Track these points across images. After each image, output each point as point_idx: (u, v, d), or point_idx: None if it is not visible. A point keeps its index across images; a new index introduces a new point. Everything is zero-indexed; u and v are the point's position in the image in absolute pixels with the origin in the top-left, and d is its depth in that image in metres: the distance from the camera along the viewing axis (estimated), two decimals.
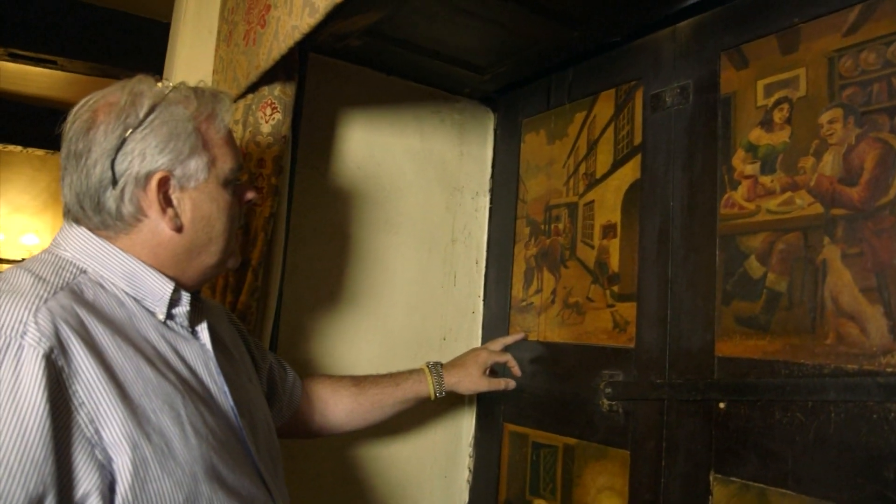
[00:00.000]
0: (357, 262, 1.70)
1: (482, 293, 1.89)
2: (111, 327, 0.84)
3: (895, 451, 0.96)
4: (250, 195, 1.04)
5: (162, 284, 0.92)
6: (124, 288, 0.90)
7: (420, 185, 1.82)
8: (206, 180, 0.94)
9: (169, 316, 0.93)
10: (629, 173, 1.46)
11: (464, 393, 1.56)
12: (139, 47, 3.73)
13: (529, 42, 1.55)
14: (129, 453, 0.77)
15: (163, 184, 0.91)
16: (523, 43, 1.56)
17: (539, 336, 1.63)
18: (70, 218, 0.92)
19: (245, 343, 1.22)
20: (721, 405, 1.19)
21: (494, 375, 1.60)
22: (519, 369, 1.58)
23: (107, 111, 0.89)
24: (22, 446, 0.70)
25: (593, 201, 1.54)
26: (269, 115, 1.39)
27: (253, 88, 1.40)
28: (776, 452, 1.10)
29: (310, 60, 1.60)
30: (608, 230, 1.49)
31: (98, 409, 0.77)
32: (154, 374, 0.84)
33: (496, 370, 1.63)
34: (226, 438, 0.91)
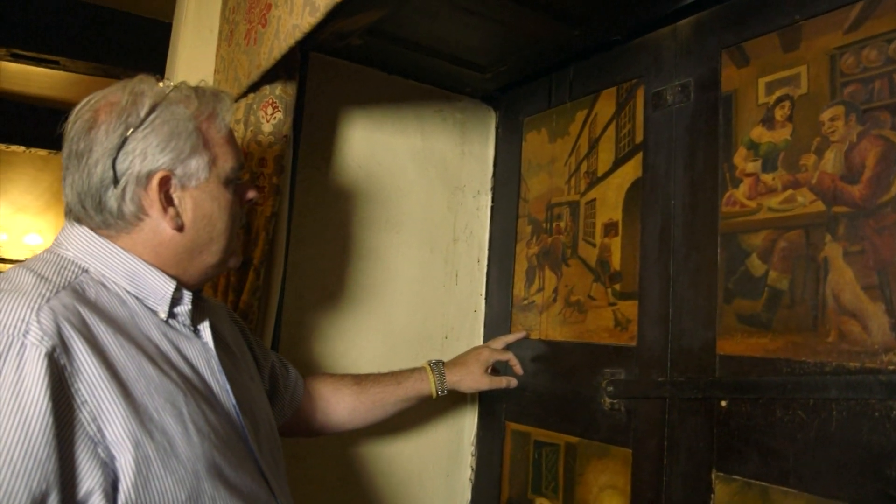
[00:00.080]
0: (359, 261, 1.70)
1: (484, 292, 1.89)
2: (113, 326, 0.84)
3: None
4: (251, 194, 1.05)
5: (164, 283, 0.92)
6: (126, 287, 0.90)
7: (422, 184, 1.82)
8: (208, 179, 0.95)
9: (171, 315, 0.93)
10: (630, 171, 1.46)
11: (465, 391, 1.56)
12: (141, 47, 3.73)
13: (531, 40, 1.55)
14: (132, 451, 0.77)
15: (164, 183, 0.91)
16: (524, 41, 1.56)
17: (541, 334, 1.63)
18: (72, 217, 0.93)
19: (247, 342, 1.22)
20: (723, 403, 1.19)
21: (496, 374, 1.60)
22: (521, 368, 1.58)
23: (108, 111, 0.89)
24: (25, 444, 0.70)
25: (595, 200, 1.54)
26: (271, 115, 1.39)
27: (254, 88, 1.40)
28: (778, 450, 1.10)
29: (311, 59, 1.60)
30: (610, 228, 1.49)
31: (100, 408, 0.77)
32: (156, 373, 0.85)
33: (498, 369, 1.63)
34: (228, 436, 0.91)
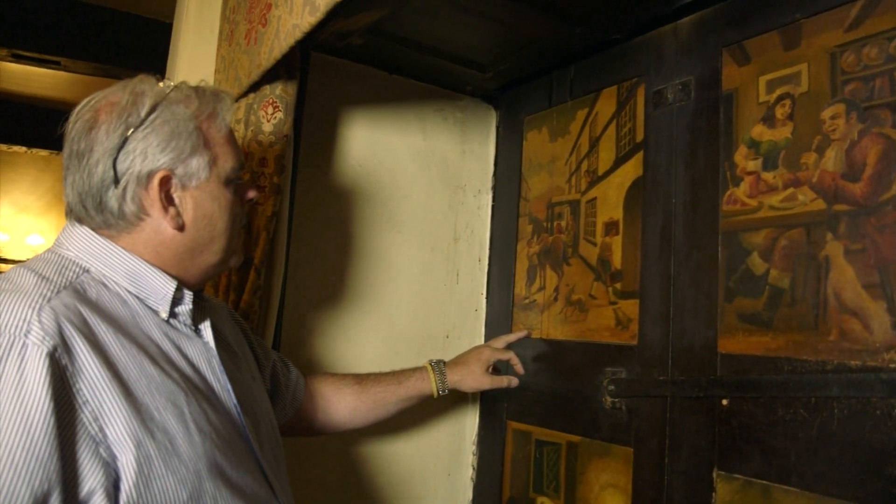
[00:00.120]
0: (360, 261, 1.70)
1: (485, 291, 1.89)
2: (114, 326, 0.84)
3: None
4: (252, 194, 1.05)
5: (164, 283, 0.92)
6: (127, 287, 0.90)
7: (422, 184, 1.82)
8: (208, 179, 0.95)
9: (172, 314, 0.93)
10: (631, 170, 1.46)
11: (467, 391, 1.56)
12: (141, 47, 3.74)
13: (531, 39, 1.55)
14: (133, 451, 0.78)
15: (164, 183, 0.91)
16: (525, 40, 1.56)
17: (542, 334, 1.63)
18: (73, 217, 0.93)
19: (248, 341, 1.22)
20: (724, 402, 1.19)
21: (497, 373, 1.60)
22: (522, 367, 1.58)
23: (108, 111, 0.90)
24: (27, 444, 0.71)
25: (595, 198, 1.54)
26: (271, 114, 1.39)
27: (254, 87, 1.40)
28: (779, 449, 1.09)
29: (312, 59, 1.60)
30: (610, 227, 1.49)
31: (102, 407, 0.77)
32: (157, 372, 0.85)
33: (499, 368, 1.64)
34: (229, 436, 0.91)
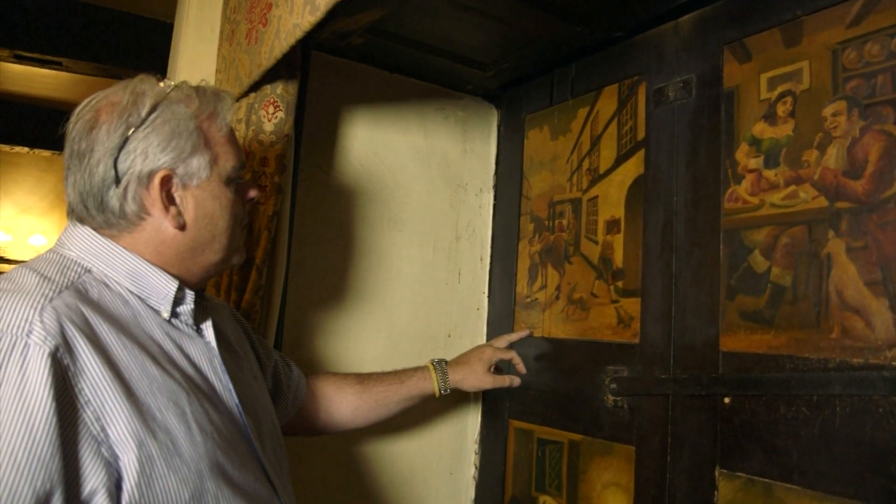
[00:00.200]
0: (361, 260, 1.70)
1: (487, 290, 1.89)
2: (116, 326, 0.84)
3: None
4: (253, 193, 1.05)
5: (166, 283, 0.92)
6: (128, 287, 0.90)
7: (424, 183, 1.82)
8: (209, 178, 0.95)
9: (173, 314, 0.93)
10: (632, 168, 1.45)
11: (468, 390, 1.56)
12: (143, 47, 3.74)
13: (532, 38, 1.55)
14: (135, 451, 0.78)
15: (165, 182, 0.91)
16: (526, 39, 1.56)
17: (544, 332, 1.63)
18: (74, 217, 0.93)
19: (250, 341, 1.22)
20: (726, 400, 1.19)
21: (499, 372, 1.60)
22: (524, 366, 1.58)
23: (109, 110, 0.90)
24: (29, 444, 0.71)
25: (597, 197, 1.54)
26: (272, 114, 1.39)
27: (255, 87, 1.40)
28: (781, 447, 1.09)
29: (312, 58, 1.60)
30: (612, 226, 1.49)
31: (104, 407, 0.77)
32: (159, 372, 0.85)
33: (501, 367, 1.64)
34: (231, 436, 0.91)
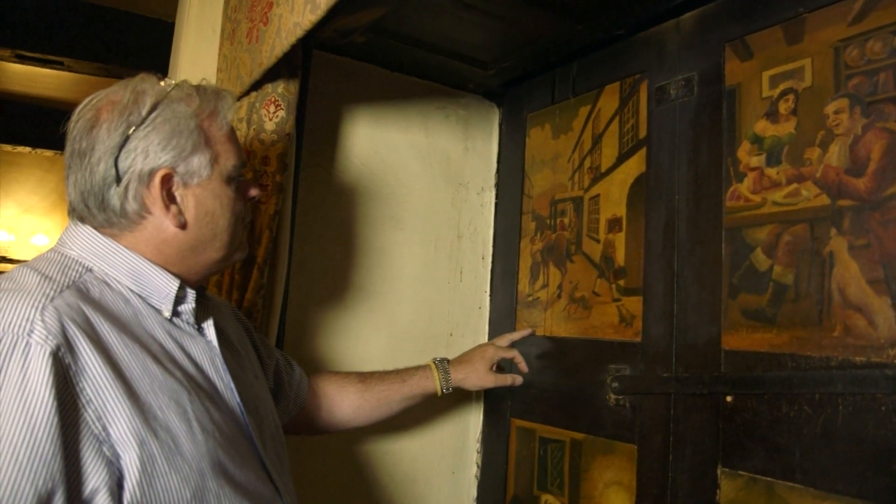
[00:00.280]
0: (363, 259, 1.70)
1: (488, 288, 1.89)
2: (117, 325, 0.84)
3: None
4: (254, 192, 1.05)
5: (167, 282, 0.92)
6: (130, 286, 0.90)
7: (425, 181, 1.82)
8: (210, 177, 0.95)
9: (175, 313, 0.94)
10: (634, 167, 1.45)
11: (470, 389, 1.56)
12: (144, 47, 3.75)
13: (533, 36, 1.55)
14: (137, 450, 0.78)
15: (166, 181, 0.91)
16: (527, 37, 1.56)
17: (545, 331, 1.63)
18: (75, 216, 0.93)
19: (251, 340, 1.22)
20: (728, 399, 1.19)
21: (501, 371, 1.60)
22: (526, 365, 1.58)
23: (110, 109, 0.90)
24: (31, 443, 0.71)
25: (598, 195, 1.54)
26: (273, 113, 1.39)
27: (256, 86, 1.40)
28: (784, 446, 1.09)
29: (314, 57, 1.60)
30: (614, 224, 1.49)
31: (105, 407, 0.77)
32: (160, 371, 0.85)
33: (503, 366, 1.64)
34: (232, 435, 0.91)
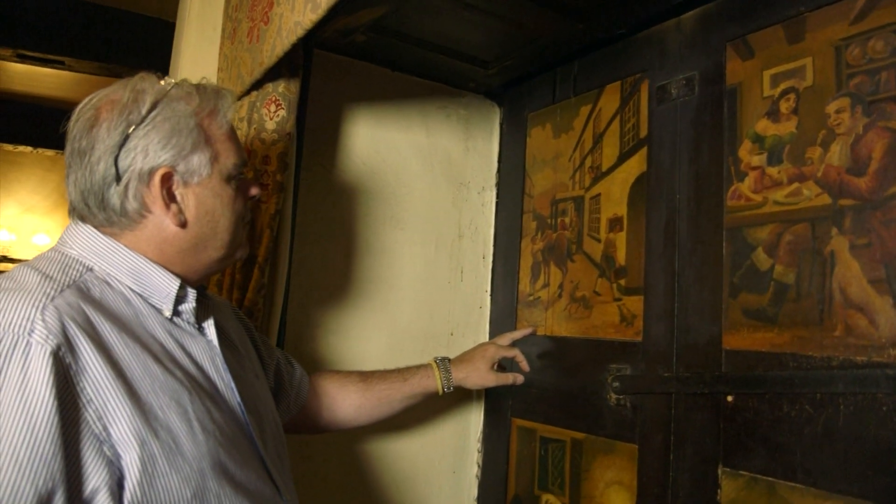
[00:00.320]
0: (363, 258, 1.70)
1: (489, 288, 1.89)
2: (118, 325, 0.84)
3: None
4: (254, 191, 1.05)
5: (168, 281, 0.92)
6: (130, 285, 0.90)
7: (426, 181, 1.82)
8: (210, 176, 0.95)
9: (175, 313, 0.93)
10: (635, 166, 1.45)
11: (472, 388, 1.56)
12: (145, 46, 3.75)
13: (534, 36, 1.55)
14: (137, 450, 0.78)
15: (166, 180, 0.91)
16: (528, 36, 1.56)
17: (546, 330, 1.63)
18: (75, 216, 0.93)
19: (252, 339, 1.22)
20: (729, 398, 1.18)
21: (503, 370, 1.60)
22: (527, 364, 1.58)
23: (109, 108, 0.90)
24: (31, 443, 0.71)
25: (599, 195, 1.54)
26: (274, 112, 1.39)
27: (257, 85, 1.40)
28: (785, 445, 1.09)
29: (314, 56, 1.60)
30: (614, 223, 1.48)
31: (106, 406, 0.77)
32: (161, 371, 0.85)
33: (504, 365, 1.63)
34: (233, 434, 0.91)
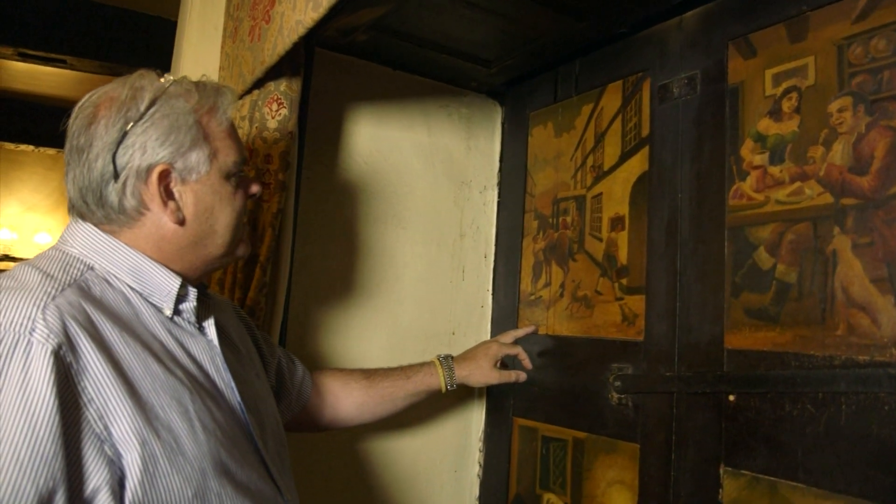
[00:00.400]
0: (365, 257, 1.70)
1: (491, 287, 1.88)
2: (119, 324, 0.84)
3: None
4: (255, 188, 1.04)
5: (169, 280, 0.92)
6: (131, 284, 0.90)
7: (427, 180, 1.82)
8: (208, 173, 0.94)
9: (176, 312, 0.93)
10: (637, 165, 1.45)
11: (475, 385, 1.56)
12: (147, 45, 3.76)
13: (536, 34, 1.54)
14: (138, 449, 0.78)
15: (164, 177, 0.91)
16: (530, 35, 1.55)
17: (548, 330, 1.63)
18: (75, 213, 0.93)
19: (253, 338, 1.22)
20: (731, 398, 1.18)
21: (505, 368, 1.60)
22: (529, 362, 1.58)
23: (108, 105, 0.89)
24: (32, 442, 0.71)
25: (601, 194, 1.53)
26: (276, 111, 1.39)
27: (259, 84, 1.40)
28: (786, 445, 1.09)
29: (316, 55, 1.60)
30: (616, 223, 1.48)
31: (107, 406, 0.77)
32: (162, 371, 0.85)
33: (506, 363, 1.63)
34: (233, 434, 0.91)
